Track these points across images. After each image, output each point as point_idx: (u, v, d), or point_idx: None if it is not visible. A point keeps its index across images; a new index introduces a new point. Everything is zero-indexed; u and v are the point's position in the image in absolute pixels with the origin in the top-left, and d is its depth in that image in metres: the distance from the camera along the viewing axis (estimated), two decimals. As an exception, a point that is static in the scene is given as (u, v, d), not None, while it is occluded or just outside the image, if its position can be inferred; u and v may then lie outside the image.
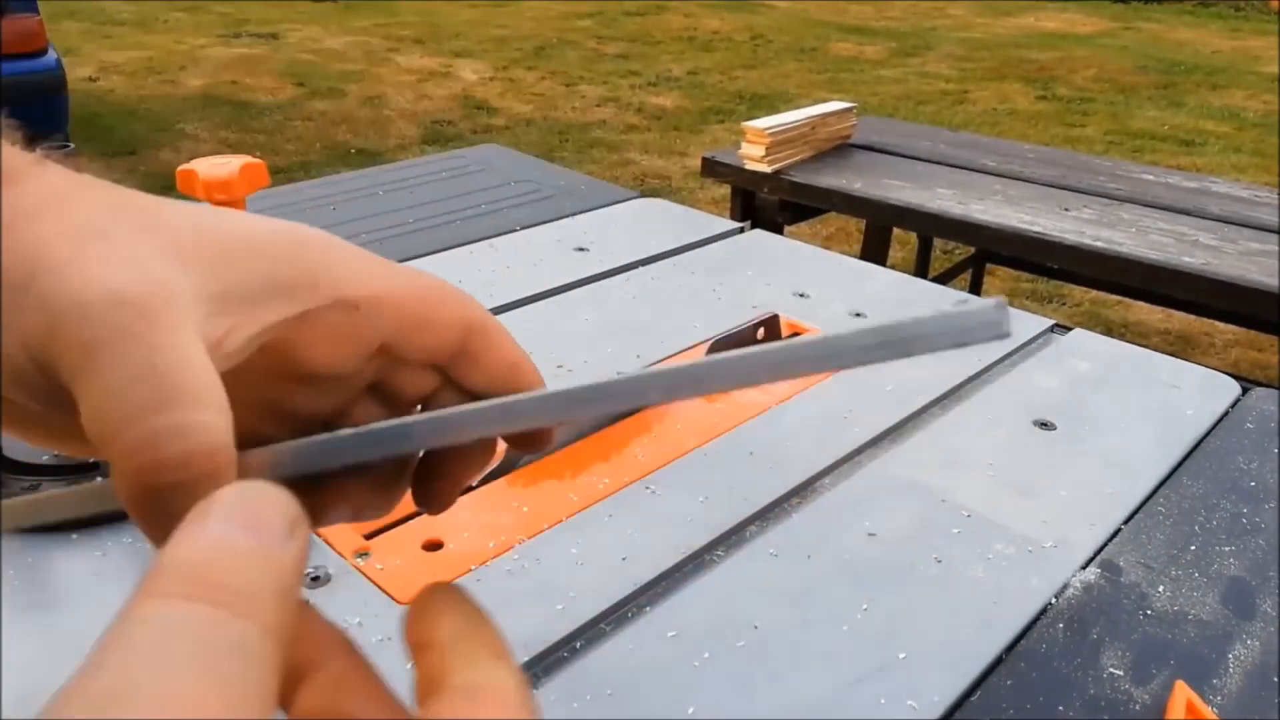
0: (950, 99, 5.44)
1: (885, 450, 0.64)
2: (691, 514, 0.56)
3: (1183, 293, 1.57)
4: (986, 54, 6.52)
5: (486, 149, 1.31)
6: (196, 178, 0.57)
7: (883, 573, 0.52)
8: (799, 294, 0.86)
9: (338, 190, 1.12)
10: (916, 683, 0.45)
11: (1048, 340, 0.80)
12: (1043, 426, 0.67)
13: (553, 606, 0.49)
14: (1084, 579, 0.53)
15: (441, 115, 4.95)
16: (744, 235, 1.01)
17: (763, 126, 1.91)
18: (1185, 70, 6.14)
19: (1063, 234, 1.63)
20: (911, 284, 0.91)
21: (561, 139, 4.61)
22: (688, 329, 0.78)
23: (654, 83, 5.69)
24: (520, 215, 1.04)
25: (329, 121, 4.77)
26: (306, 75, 5.54)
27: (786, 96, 5.34)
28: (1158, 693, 0.46)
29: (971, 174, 1.95)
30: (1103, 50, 6.68)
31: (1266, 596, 0.52)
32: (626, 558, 0.52)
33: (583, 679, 0.45)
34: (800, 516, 0.57)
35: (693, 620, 0.49)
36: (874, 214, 1.87)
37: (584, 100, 5.30)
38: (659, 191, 3.79)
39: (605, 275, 0.89)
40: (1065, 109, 5.26)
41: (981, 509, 0.58)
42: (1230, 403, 0.72)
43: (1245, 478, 0.63)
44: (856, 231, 3.23)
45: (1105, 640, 0.49)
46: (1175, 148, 4.62)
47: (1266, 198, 1.84)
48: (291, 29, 6.79)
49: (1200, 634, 0.50)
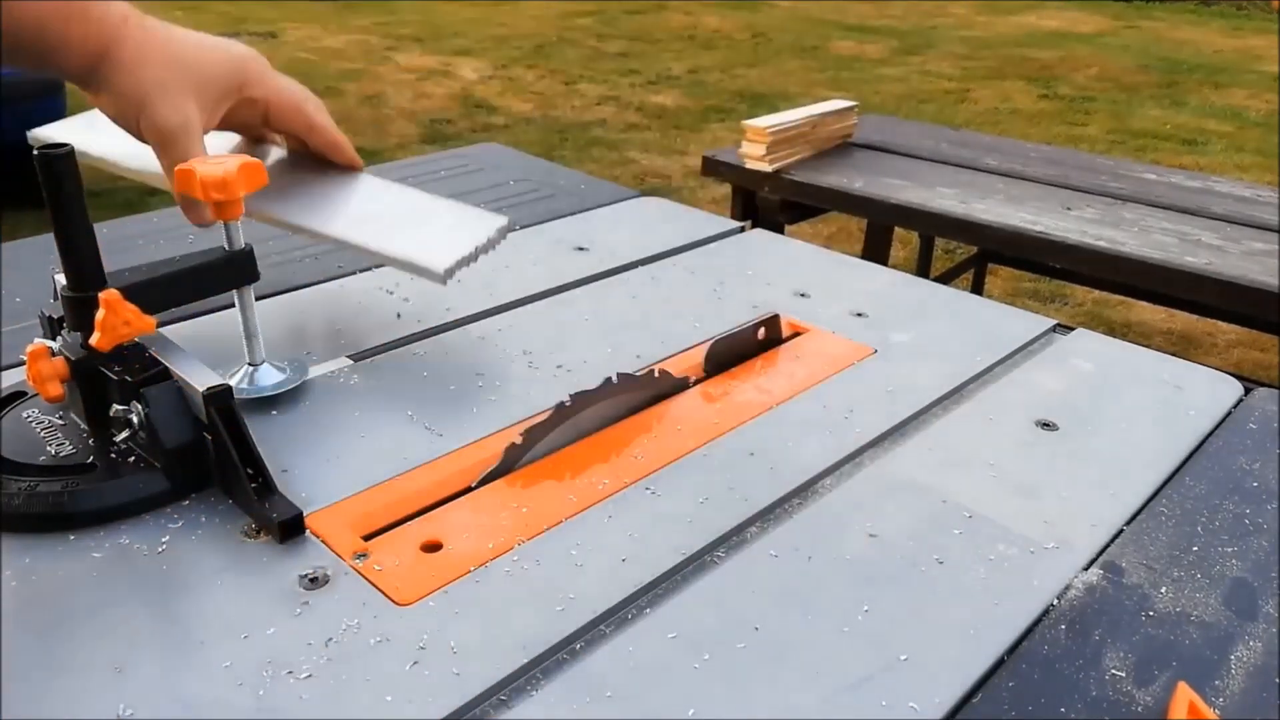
0: (952, 98, 5.43)
1: (886, 450, 0.64)
2: (691, 515, 0.56)
3: (1185, 293, 1.56)
4: (988, 53, 6.52)
5: (486, 148, 1.31)
6: (194, 176, 0.57)
7: (884, 574, 0.52)
8: (799, 294, 0.85)
9: (337, 189, 1.12)
10: (917, 684, 0.45)
11: (1050, 340, 0.80)
12: (1045, 427, 0.67)
13: (552, 608, 0.48)
14: (1086, 580, 0.53)
15: (441, 114, 4.95)
16: (744, 235, 1.01)
17: (763, 125, 1.91)
18: (1187, 69, 6.14)
19: (1065, 233, 1.62)
20: (913, 284, 0.90)
21: (561, 138, 4.61)
22: (688, 329, 0.78)
23: (654, 81, 5.68)
24: (520, 215, 1.04)
25: (329, 120, 4.76)
26: (305, 74, 5.54)
27: (787, 95, 5.34)
28: (1160, 694, 0.45)
29: (973, 173, 1.95)
30: (1105, 49, 6.68)
31: (1269, 597, 0.52)
32: (626, 559, 0.52)
33: (583, 680, 0.45)
34: (801, 517, 0.57)
35: (693, 621, 0.48)
36: (875, 213, 1.87)
37: (584, 99, 5.29)
38: (659, 190, 3.79)
39: (605, 275, 0.89)
40: (1067, 108, 5.25)
41: (983, 509, 0.58)
42: (1233, 403, 0.71)
43: (1247, 478, 0.63)
44: (858, 231, 3.23)
45: (1107, 641, 0.49)
46: (1177, 147, 4.61)
47: (1269, 197, 1.84)
48: (290, 28, 6.79)
49: (1203, 635, 0.49)
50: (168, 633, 0.46)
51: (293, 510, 0.52)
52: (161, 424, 0.53)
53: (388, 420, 0.65)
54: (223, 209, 0.59)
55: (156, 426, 0.53)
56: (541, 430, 0.60)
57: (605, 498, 0.57)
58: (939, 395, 0.70)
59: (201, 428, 0.54)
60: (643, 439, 0.63)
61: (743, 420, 0.66)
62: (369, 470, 0.59)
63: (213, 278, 0.63)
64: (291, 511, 0.52)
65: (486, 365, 0.73)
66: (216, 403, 0.53)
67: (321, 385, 0.69)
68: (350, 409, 0.66)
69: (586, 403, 0.62)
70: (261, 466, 0.54)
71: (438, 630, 0.47)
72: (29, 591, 0.48)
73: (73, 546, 0.51)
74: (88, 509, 0.53)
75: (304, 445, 0.61)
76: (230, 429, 0.53)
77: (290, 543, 0.52)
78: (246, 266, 0.63)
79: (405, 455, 0.60)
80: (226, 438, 0.53)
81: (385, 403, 0.67)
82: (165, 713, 0.42)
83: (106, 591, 0.48)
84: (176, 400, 0.54)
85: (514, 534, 0.54)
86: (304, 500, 0.55)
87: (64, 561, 0.50)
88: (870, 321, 0.81)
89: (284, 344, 0.74)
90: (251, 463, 0.53)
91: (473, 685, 0.44)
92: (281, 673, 0.44)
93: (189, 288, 0.63)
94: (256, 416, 0.64)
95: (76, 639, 0.45)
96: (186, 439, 0.54)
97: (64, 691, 0.43)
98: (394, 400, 0.67)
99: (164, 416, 0.54)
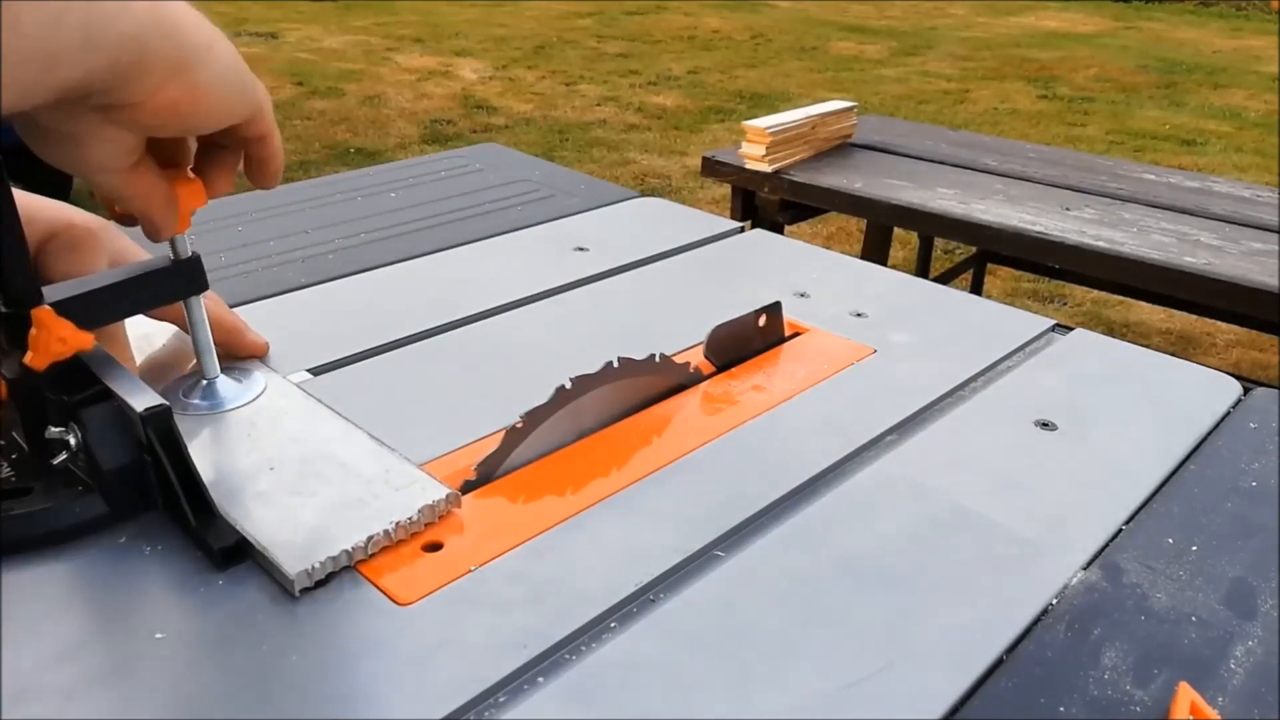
0: (951, 98, 5.43)
1: (886, 450, 0.64)
2: (692, 514, 0.56)
3: (1184, 293, 1.57)
4: (987, 53, 6.52)
5: (486, 148, 1.31)
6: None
7: (883, 573, 0.52)
8: (799, 294, 0.86)
9: (337, 189, 1.12)
10: (917, 684, 0.45)
11: (1049, 340, 0.80)
12: (1044, 426, 0.67)
13: (553, 607, 0.48)
14: (1085, 579, 0.53)
15: (441, 114, 4.95)
16: (744, 235, 1.01)
17: (763, 126, 1.91)
18: (1186, 70, 6.14)
19: (1064, 234, 1.62)
20: (913, 284, 0.90)
21: (561, 138, 4.61)
22: (688, 329, 0.78)
23: (654, 82, 5.68)
24: (520, 215, 1.04)
25: (328, 121, 4.77)
26: (306, 74, 5.54)
27: (787, 96, 5.34)
28: (1160, 694, 0.46)
29: (973, 173, 1.95)
30: (1104, 50, 6.68)
31: (1268, 597, 0.52)
32: (627, 558, 0.52)
33: (583, 680, 0.45)
34: (801, 517, 0.57)
35: (693, 621, 0.48)
36: (875, 214, 1.87)
37: (584, 99, 5.29)
38: (659, 191, 3.79)
39: (605, 275, 0.89)
40: (1066, 108, 5.26)
41: (982, 509, 0.58)
42: (1232, 403, 0.71)
43: (1247, 478, 0.63)
44: (857, 231, 3.23)
45: (1107, 641, 0.49)
46: (1176, 147, 4.62)
47: (1268, 197, 1.84)
48: (291, 28, 6.79)
49: (1203, 635, 0.49)
50: (167, 630, 0.46)
51: (232, 537, 0.50)
52: (99, 446, 0.51)
53: (387, 420, 0.65)
54: None
55: (93, 449, 0.51)
56: (543, 413, 0.60)
57: (605, 498, 0.57)
58: (939, 395, 0.70)
59: (142, 449, 0.52)
60: (642, 439, 0.63)
61: (742, 420, 0.66)
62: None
63: (158, 288, 0.58)
64: (231, 538, 0.50)
65: (486, 365, 0.73)
66: (154, 424, 0.50)
67: (314, 385, 0.69)
68: (350, 408, 0.66)
69: (588, 385, 0.62)
70: (202, 490, 0.51)
71: (438, 630, 0.47)
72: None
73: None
74: (20, 535, 0.50)
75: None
76: (169, 451, 0.51)
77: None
78: (194, 275, 0.59)
79: (404, 455, 0.60)
80: (165, 460, 0.51)
81: (383, 402, 0.67)
82: (165, 712, 0.42)
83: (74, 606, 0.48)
84: (116, 421, 0.51)
85: (514, 534, 0.54)
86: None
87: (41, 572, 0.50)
88: (870, 321, 0.81)
89: (294, 346, 0.74)
90: (192, 486, 0.51)
91: (473, 685, 0.44)
92: (281, 672, 0.44)
93: (132, 299, 0.57)
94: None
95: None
96: (125, 461, 0.52)
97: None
98: (392, 399, 0.67)
99: (102, 438, 0.51)
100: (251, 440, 0.59)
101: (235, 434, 0.60)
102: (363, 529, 0.51)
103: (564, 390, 0.60)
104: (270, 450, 0.58)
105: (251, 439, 0.59)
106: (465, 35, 6.74)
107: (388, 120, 4.79)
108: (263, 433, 0.60)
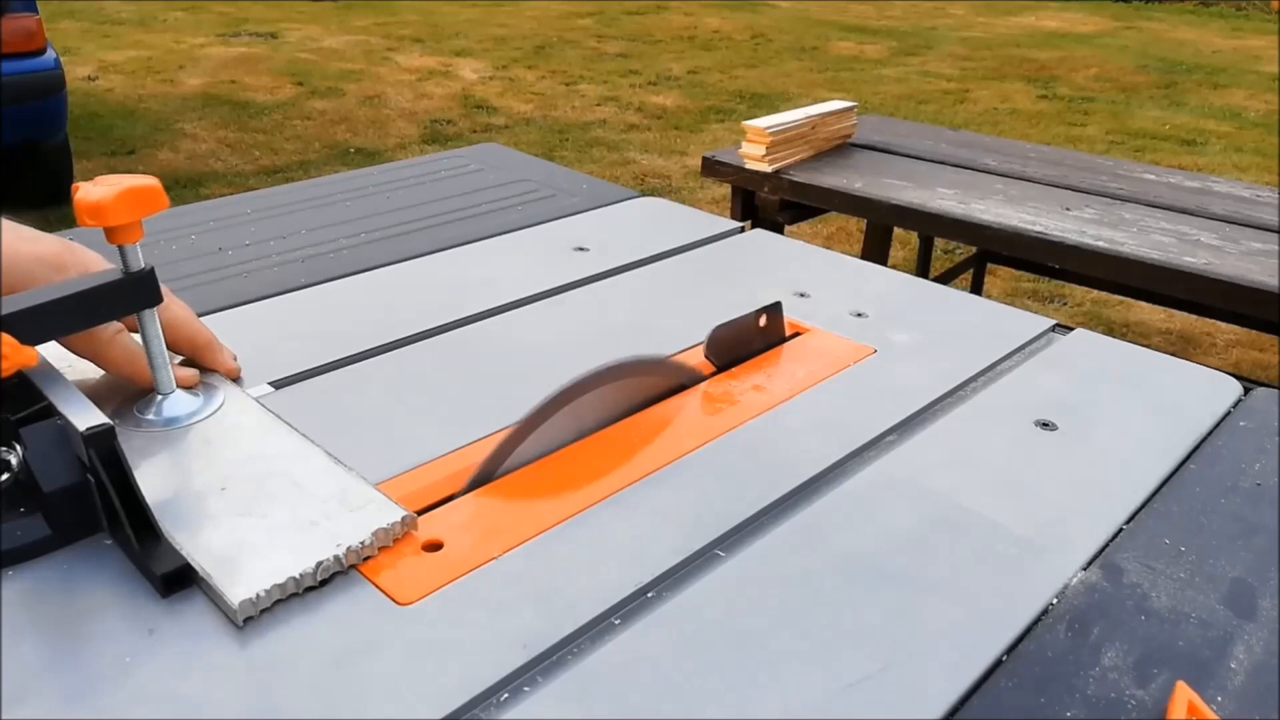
0: (951, 98, 5.43)
1: (886, 450, 0.64)
2: (692, 514, 0.56)
3: (1184, 293, 1.56)
4: (987, 53, 6.52)
5: (486, 148, 1.31)
6: (75, 199, 0.53)
7: (883, 573, 0.52)
8: (799, 294, 0.86)
9: (337, 190, 1.12)
10: (917, 684, 0.45)
11: (1049, 340, 0.80)
12: (1044, 426, 0.67)
13: (552, 607, 0.48)
14: (1085, 579, 0.53)
15: (441, 114, 4.95)
16: (744, 235, 1.01)
17: (763, 126, 1.91)
18: (1186, 70, 6.14)
19: (1064, 234, 1.62)
20: (913, 284, 0.90)
21: (561, 138, 4.61)
22: (688, 329, 0.78)
23: (654, 82, 5.68)
24: (520, 215, 1.04)
25: (328, 121, 4.77)
26: (306, 74, 5.54)
27: (787, 96, 5.34)
28: (1158, 694, 0.46)
29: (973, 173, 1.95)
30: (1104, 50, 6.68)
31: (1268, 597, 0.52)
32: (626, 559, 0.52)
33: (583, 680, 0.45)
34: (800, 517, 0.57)
35: (693, 621, 0.48)
36: (875, 214, 1.87)
37: (584, 99, 5.29)
38: (659, 191, 3.79)
39: (605, 275, 0.89)
40: (1066, 108, 5.25)
41: (982, 509, 0.58)
42: (1231, 403, 0.71)
43: (1246, 478, 0.63)
44: (857, 231, 3.23)
45: (1106, 641, 0.49)
46: (1176, 147, 4.62)
47: (1268, 197, 1.84)
48: (291, 28, 6.79)
49: (1201, 634, 0.49)
50: (166, 633, 0.46)
51: (176, 562, 0.48)
52: (41, 466, 0.49)
53: (388, 419, 0.65)
54: (111, 234, 0.54)
55: (35, 469, 0.49)
56: (545, 411, 0.60)
57: (605, 498, 0.57)
58: (939, 395, 0.70)
59: (85, 469, 0.50)
60: (643, 439, 0.63)
61: (743, 420, 0.66)
62: (368, 470, 0.59)
63: (109, 301, 0.56)
64: (174, 563, 0.48)
65: (486, 365, 0.73)
66: (96, 444, 0.48)
67: (314, 382, 0.69)
68: (349, 406, 0.66)
69: (589, 385, 0.62)
70: (147, 512, 0.49)
71: (438, 630, 0.47)
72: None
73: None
74: None
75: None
76: (111, 472, 0.49)
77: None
78: (146, 288, 0.56)
79: (403, 455, 0.60)
80: (108, 481, 0.49)
81: (385, 402, 0.67)
82: (164, 713, 0.42)
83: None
84: (59, 440, 0.50)
85: (514, 534, 0.54)
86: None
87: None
88: (870, 321, 0.81)
89: (284, 350, 0.74)
90: (135, 509, 0.49)
91: (473, 685, 0.44)
92: (282, 672, 0.44)
93: (82, 313, 0.55)
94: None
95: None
96: (67, 482, 0.50)
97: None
98: (393, 399, 0.67)
99: (44, 458, 0.49)
100: (205, 459, 0.57)
101: (188, 452, 0.58)
102: (312, 554, 0.49)
103: (564, 390, 0.60)
104: (223, 469, 0.56)
105: (205, 457, 0.57)
106: (465, 35, 6.74)
107: (388, 120, 4.79)
108: (217, 450, 0.58)
